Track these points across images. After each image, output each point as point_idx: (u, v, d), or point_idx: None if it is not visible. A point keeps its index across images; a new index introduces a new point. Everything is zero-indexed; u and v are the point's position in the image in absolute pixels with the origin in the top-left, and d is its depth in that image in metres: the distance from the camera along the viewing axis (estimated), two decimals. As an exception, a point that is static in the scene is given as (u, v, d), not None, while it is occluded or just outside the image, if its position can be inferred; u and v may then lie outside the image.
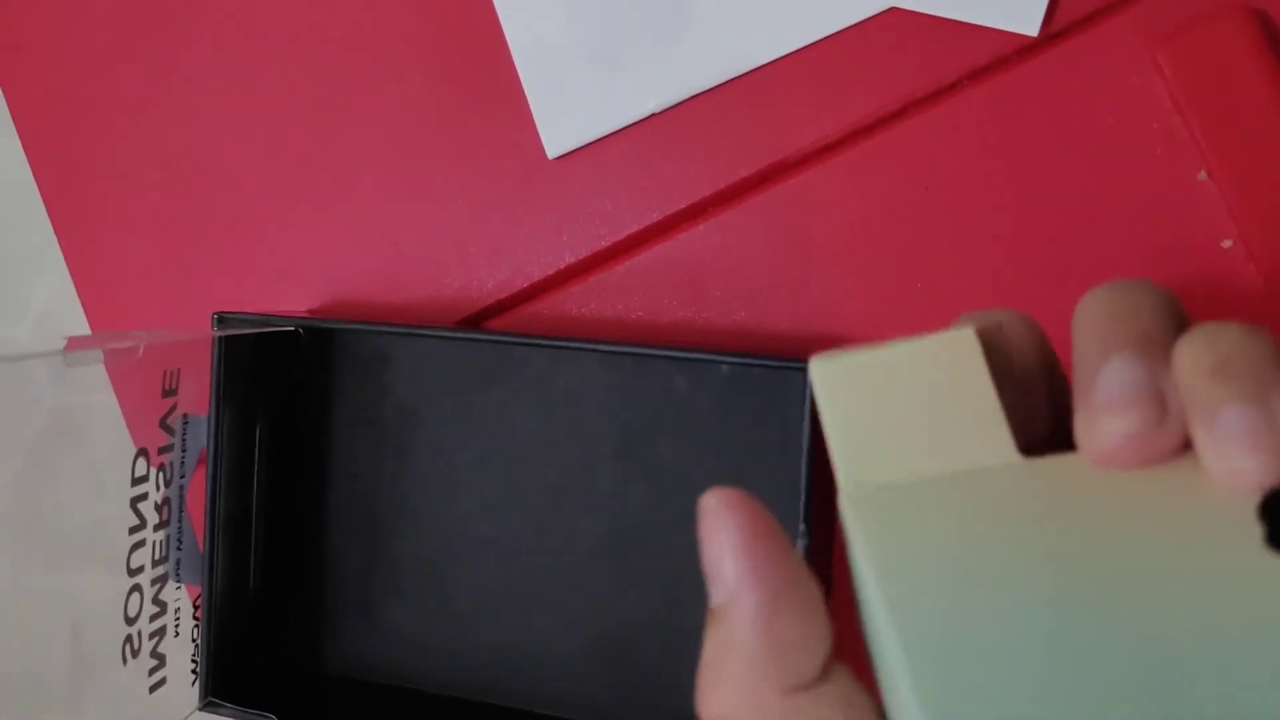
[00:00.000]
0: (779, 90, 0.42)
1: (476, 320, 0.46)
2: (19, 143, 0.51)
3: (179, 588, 0.42)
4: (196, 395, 0.42)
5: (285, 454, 0.46)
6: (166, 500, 0.41)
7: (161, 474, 0.40)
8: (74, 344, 0.34)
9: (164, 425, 0.40)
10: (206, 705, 0.43)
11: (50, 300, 0.58)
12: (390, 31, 0.46)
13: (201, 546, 0.43)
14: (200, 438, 0.43)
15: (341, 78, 0.47)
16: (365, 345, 0.45)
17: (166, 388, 0.40)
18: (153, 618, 0.40)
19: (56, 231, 0.51)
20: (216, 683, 0.43)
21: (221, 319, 0.44)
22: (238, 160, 0.48)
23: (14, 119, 0.52)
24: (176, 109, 0.49)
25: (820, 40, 0.42)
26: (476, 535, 0.44)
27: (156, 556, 0.40)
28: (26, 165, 0.51)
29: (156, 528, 0.40)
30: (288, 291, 0.48)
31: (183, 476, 0.42)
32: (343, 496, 0.46)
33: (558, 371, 0.43)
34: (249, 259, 0.48)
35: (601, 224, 0.44)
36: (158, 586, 0.40)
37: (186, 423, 0.43)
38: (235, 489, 0.44)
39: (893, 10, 0.41)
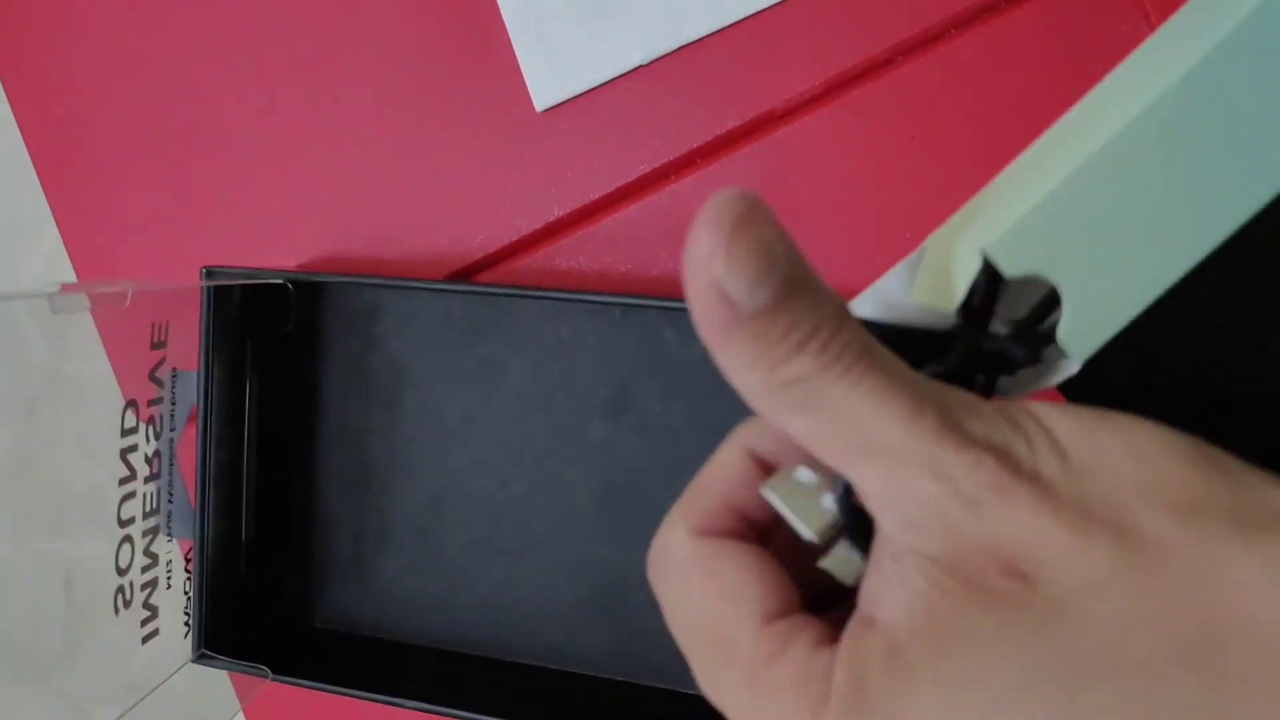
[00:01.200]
0: (766, 41, 0.42)
1: (466, 275, 0.46)
2: (8, 106, 0.51)
3: (170, 541, 0.42)
4: (186, 349, 0.42)
5: (276, 408, 0.46)
6: (157, 453, 0.41)
7: (151, 427, 0.40)
8: (64, 289, 0.34)
9: (153, 378, 0.41)
10: (199, 658, 0.43)
11: (44, 267, 0.58)
12: (377, -15, 0.46)
13: (193, 500, 0.43)
14: (190, 393, 0.43)
15: (329, 34, 0.47)
16: (355, 299, 0.45)
17: (155, 340, 0.40)
18: (144, 569, 0.40)
19: (47, 194, 0.51)
20: (209, 635, 0.44)
21: (210, 273, 0.44)
22: (226, 117, 0.48)
23: (1, 81, 0.52)
24: (165, 67, 0.49)
25: (807, -11, 0.41)
26: (468, 488, 0.45)
27: (147, 509, 0.40)
28: (16, 128, 0.51)
29: (147, 480, 0.40)
30: (277, 248, 0.48)
31: (173, 429, 0.42)
32: (334, 451, 0.46)
33: (548, 324, 0.43)
34: (238, 216, 0.48)
35: (590, 177, 0.44)
36: (149, 539, 0.41)
37: (176, 377, 0.43)
38: (226, 443, 0.45)
39: (880, -42, 0.41)
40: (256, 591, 0.46)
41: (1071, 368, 0.26)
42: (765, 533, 0.25)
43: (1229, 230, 0.26)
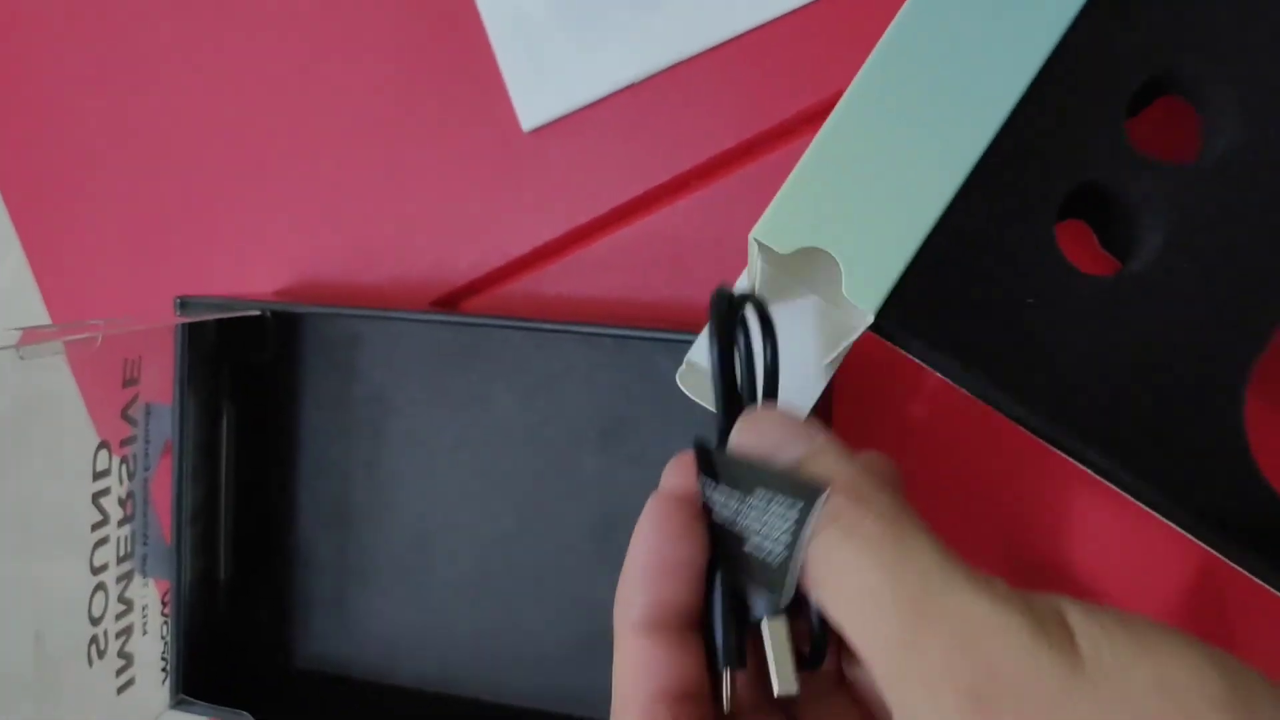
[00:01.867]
0: (761, 59, 0.41)
1: (451, 301, 0.44)
2: (-33, 120, 0.49)
3: (146, 584, 0.41)
4: (159, 383, 0.41)
5: (253, 442, 0.44)
6: (130, 494, 0.39)
7: (124, 466, 0.39)
8: (29, 336, 0.33)
9: (125, 416, 0.39)
10: (178, 704, 0.42)
11: (7, 282, 0.55)
12: (359, 3, 0.44)
13: (168, 539, 0.42)
14: (164, 427, 0.42)
15: (306, 50, 0.45)
16: (335, 328, 0.44)
17: (128, 377, 0.39)
18: (119, 616, 0.38)
19: (12, 215, 0.49)
20: (188, 680, 0.42)
21: (184, 303, 0.42)
22: (199, 138, 0.46)
23: (-39, 95, 0.49)
24: (135, 86, 0.47)
25: (803, 6, 0.40)
26: (454, 524, 0.43)
27: (121, 553, 0.39)
28: (-24, 143, 0.49)
29: (120, 523, 0.38)
30: (253, 273, 0.46)
31: (146, 469, 0.40)
32: (314, 485, 0.44)
33: (536, 354, 0.42)
34: (213, 240, 0.46)
35: (579, 199, 0.42)
36: (123, 584, 0.39)
37: (149, 413, 0.41)
38: (202, 479, 0.43)
39: (879, -26, 0.39)
40: (235, 632, 0.44)
41: (866, 319, 0.29)
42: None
43: (970, 163, 0.30)
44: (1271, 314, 0.30)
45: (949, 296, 0.30)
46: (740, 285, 0.33)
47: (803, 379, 0.33)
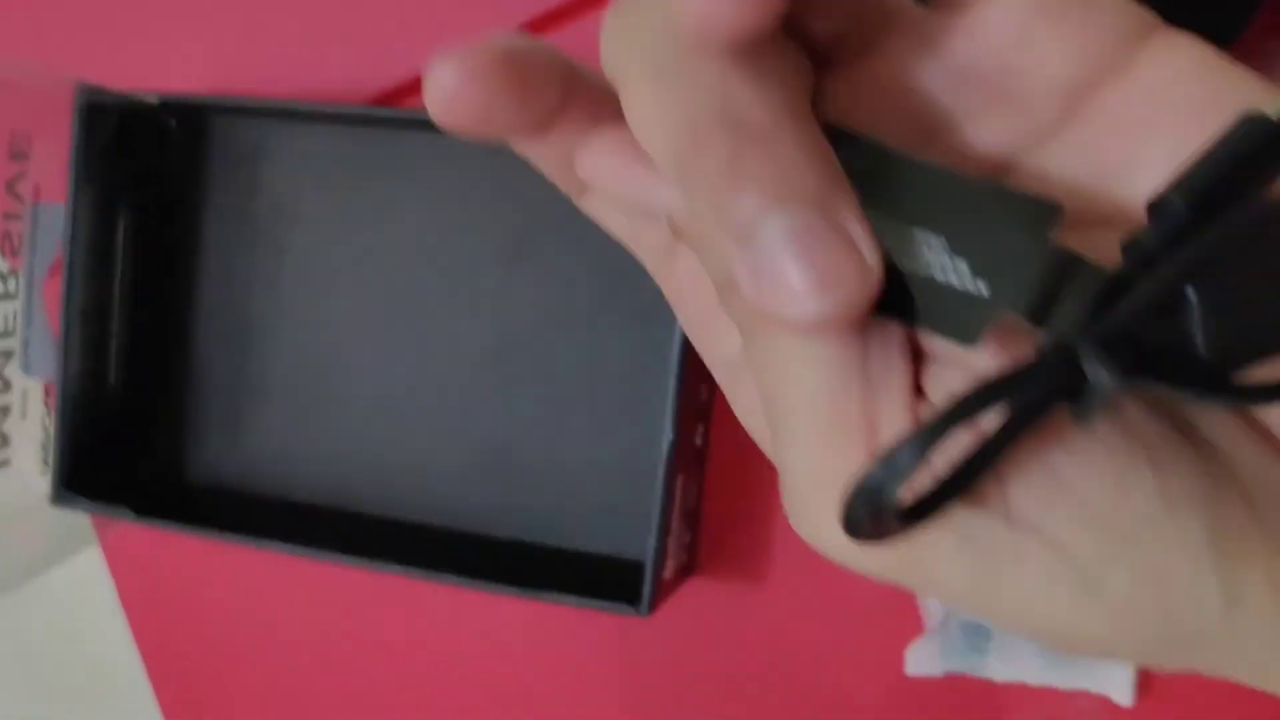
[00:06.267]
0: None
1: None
2: None
3: (29, 371, 0.39)
4: (50, 173, 0.39)
5: (151, 246, 0.43)
6: (13, 271, 0.38)
7: (8, 243, 0.37)
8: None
9: (12, 191, 0.38)
10: (58, 498, 0.40)
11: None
12: None
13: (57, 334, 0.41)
14: (56, 227, 0.41)
15: None
16: (240, 131, 0.43)
17: (15, 150, 0.37)
18: (-4, 394, 0.38)
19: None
20: (70, 475, 0.41)
21: (83, 88, 0.41)
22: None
23: None
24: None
25: None
26: (352, 336, 0.42)
27: (2, 328, 0.38)
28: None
29: (2, 298, 0.37)
30: (156, 69, 0.44)
31: (34, 253, 0.39)
32: (212, 295, 0.43)
33: (445, 163, 0.41)
34: (125, 28, 0.45)
35: (503, 4, 0.41)
36: (2, 360, 0.38)
37: (39, 211, 0.40)
38: (94, 278, 0.42)
39: None
40: (123, 438, 0.43)
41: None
42: None
43: None
44: None
45: None
46: None
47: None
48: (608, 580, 0.36)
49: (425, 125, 0.40)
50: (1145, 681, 0.37)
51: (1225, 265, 0.15)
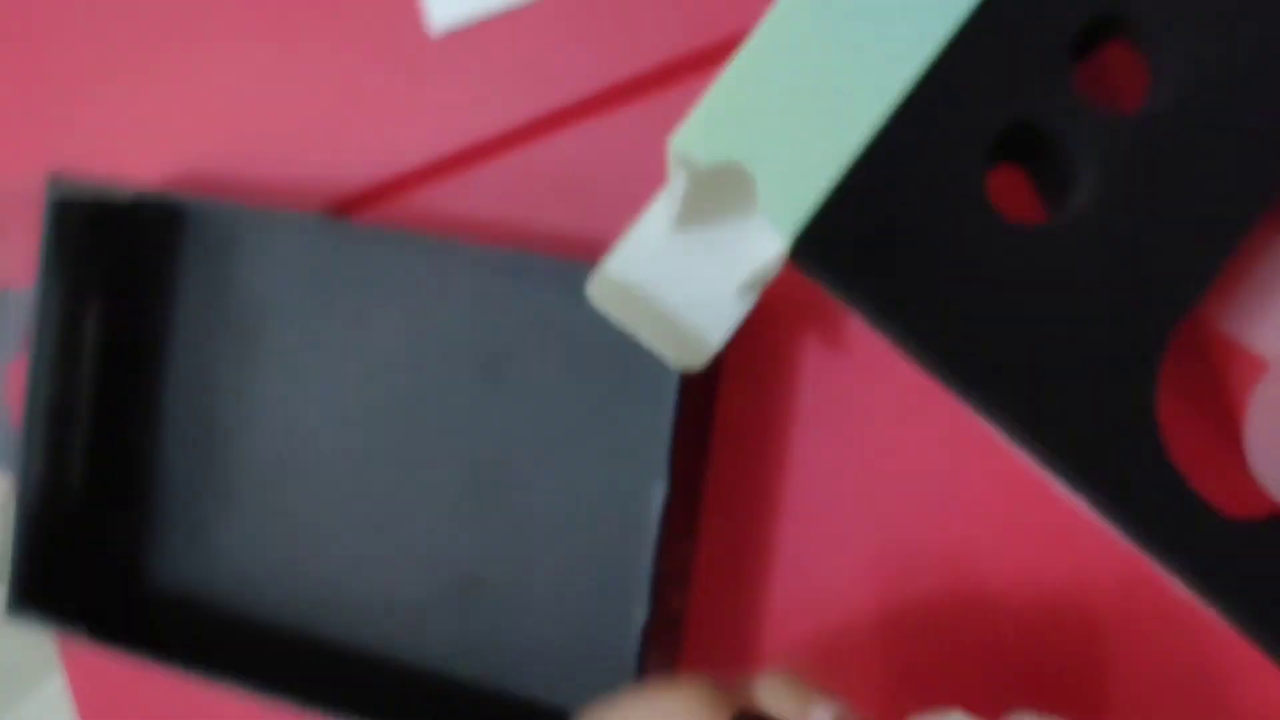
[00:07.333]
0: (687, -24, 0.38)
1: (342, 209, 0.42)
2: None
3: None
4: (16, 260, 0.38)
5: (119, 341, 0.42)
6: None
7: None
8: None
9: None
10: (11, 610, 0.39)
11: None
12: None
13: (17, 426, 0.39)
14: (21, 314, 0.39)
15: (210, -73, 0.42)
16: (215, 225, 0.41)
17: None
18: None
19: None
20: (24, 587, 0.39)
21: (55, 182, 0.39)
22: (88, 15, 0.43)
23: None
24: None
25: (736, -77, 0.37)
26: (322, 448, 0.40)
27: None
28: None
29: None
30: (134, 156, 0.43)
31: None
32: (180, 393, 0.42)
33: (424, 272, 0.39)
34: (93, 114, 0.43)
35: (483, 112, 0.40)
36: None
37: (7, 297, 0.38)
38: (60, 373, 0.40)
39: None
40: (84, 544, 0.42)
41: (780, 244, 0.28)
42: None
43: (902, 86, 0.28)
44: (1194, 281, 0.28)
45: (866, 233, 0.28)
46: (658, 205, 0.31)
47: (718, 306, 0.31)
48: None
49: (401, 236, 0.38)
50: None
51: None
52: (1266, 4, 0.28)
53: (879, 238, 0.28)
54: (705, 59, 0.38)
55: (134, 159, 0.43)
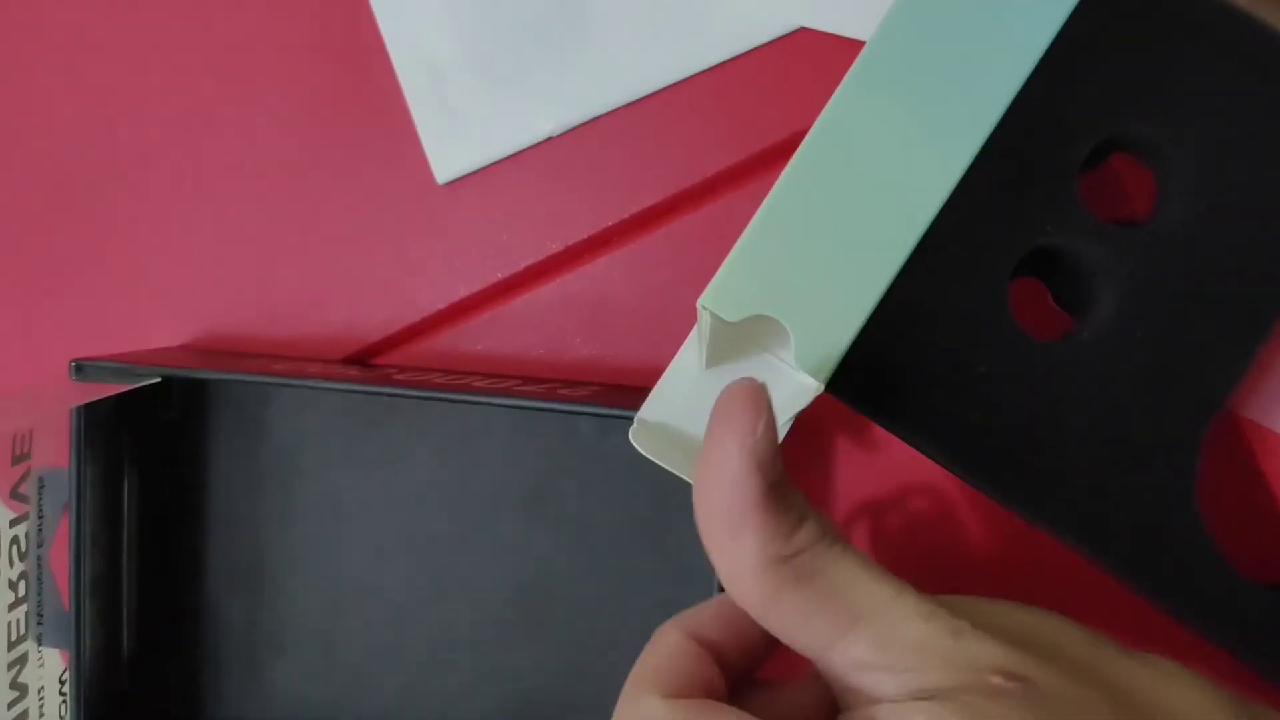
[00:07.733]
0: (684, 114, 0.39)
1: (364, 356, 0.43)
2: None
3: (42, 664, 0.39)
4: (53, 449, 0.39)
5: (158, 507, 0.42)
6: (23, 575, 0.37)
7: (14, 547, 0.37)
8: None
9: (16, 495, 0.37)
10: (79, 786, 0.40)
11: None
12: (265, 43, 0.42)
13: (67, 605, 0.40)
14: (60, 493, 0.40)
15: (212, 93, 0.43)
16: (243, 389, 0.42)
17: (17, 453, 0.37)
18: (10, 705, 0.37)
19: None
20: (89, 761, 0.40)
21: (80, 367, 0.40)
22: (98, 182, 0.44)
23: None
24: (24, 124, 0.44)
25: (726, 61, 0.39)
26: (368, 588, 0.42)
27: (13, 637, 0.37)
28: None
29: (11, 607, 0.37)
30: (155, 326, 0.43)
31: (40, 545, 0.38)
32: (222, 548, 0.43)
33: (453, 416, 0.40)
34: (111, 291, 0.44)
35: (496, 255, 0.41)
36: (15, 670, 0.37)
37: (44, 481, 0.39)
38: (102, 548, 0.41)
39: (802, 31, 0.38)
40: (141, 705, 0.42)
41: (815, 388, 0.30)
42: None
43: (920, 230, 0.30)
44: (1223, 381, 0.30)
45: (899, 365, 0.30)
46: (688, 347, 0.33)
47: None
48: None
49: (427, 395, 0.39)
50: None
51: None
52: (1268, 121, 0.30)
53: (911, 371, 0.30)
54: (707, 190, 0.40)
55: (158, 323, 0.43)
